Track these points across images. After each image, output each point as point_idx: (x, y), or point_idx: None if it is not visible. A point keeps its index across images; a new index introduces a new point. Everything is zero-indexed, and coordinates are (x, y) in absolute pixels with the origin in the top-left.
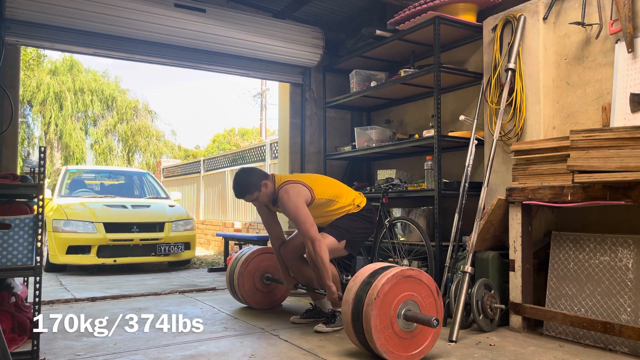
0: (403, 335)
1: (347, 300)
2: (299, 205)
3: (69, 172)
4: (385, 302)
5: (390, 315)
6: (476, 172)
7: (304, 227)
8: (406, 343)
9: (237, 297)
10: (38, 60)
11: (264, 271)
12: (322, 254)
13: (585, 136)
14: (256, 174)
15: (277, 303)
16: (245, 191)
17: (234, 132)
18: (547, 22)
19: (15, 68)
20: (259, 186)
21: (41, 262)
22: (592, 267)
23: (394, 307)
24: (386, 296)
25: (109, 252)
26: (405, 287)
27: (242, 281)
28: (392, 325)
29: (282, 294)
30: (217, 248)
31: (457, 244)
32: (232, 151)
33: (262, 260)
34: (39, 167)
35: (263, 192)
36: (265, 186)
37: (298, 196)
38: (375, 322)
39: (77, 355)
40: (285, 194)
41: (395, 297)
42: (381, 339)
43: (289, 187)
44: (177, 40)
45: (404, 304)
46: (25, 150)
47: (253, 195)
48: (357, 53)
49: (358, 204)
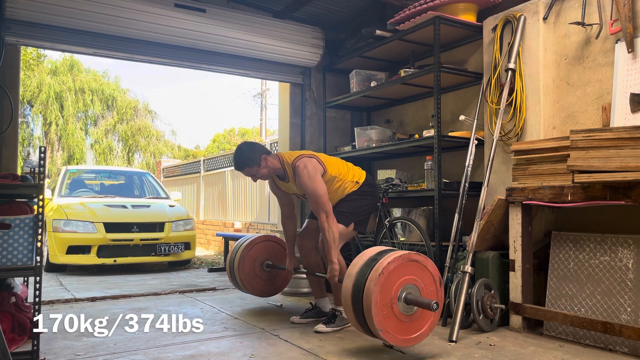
0: (402, 317)
1: (351, 273)
2: (317, 179)
3: (69, 172)
4: (389, 281)
5: (391, 295)
6: (476, 172)
7: (321, 200)
8: (404, 326)
9: (236, 282)
10: (38, 60)
11: (264, 258)
12: (334, 228)
13: (585, 136)
14: (257, 148)
15: (274, 292)
16: (245, 164)
17: (234, 132)
18: (547, 22)
19: (15, 68)
20: (259, 160)
21: (41, 262)
22: (592, 267)
23: (395, 288)
24: (390, 275)
25: (109, 252)
26: (410, 270)
27: (242, 265)
28: (392, 305)
29: (281, 283)
30: (217, 248)
31: (457, 244)
32: (232, 151)
33: (264, 247)
34: (39, 167)
35: (263, 166)
36: (265, 160)
37: (315, 170)
38: (376, 298)
39: (77, 355)
40: (304, 167)
41: (399, 278)
42: (379, 315)
43: (306, 161)
44: (177, 40)
45: (406, 287)
46: (25, 151)
47: (252, 169)
48: (357, 53)
49: (357, 181)
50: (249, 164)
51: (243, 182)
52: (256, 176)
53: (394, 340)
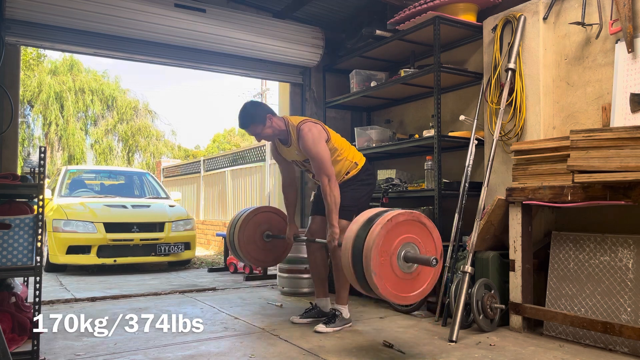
0: (401, 275)
1: (351, 229)
2: (322, 143)
3: (69, 172)
4: (389, 237)
5: (391, 251)
6: (476, 172)
7: (325, 163)
8: (403, 284)
9: (236, 252)
10: (38, 60)
11: (265, 229)
12: (335, 192)
13: (585, 136)
14: (263, 107)
15: (274, 262)
16: (250, 121)
17: (234, 132)
18: (547, 22)
19: (15, 68)
20: (264, 119)
21: (41, 262)
22: (592, 267)
23: (395, 245)
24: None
25: (109, 252)
26: (411, 229)
27: (242, 235)
28: (392, 262)
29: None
30: (217, 248)
31: (457, 244)
32: (232, 151)
33: (264, 217)
34: (39, 167)
35: (267, 125)
36: (270, 120)
37: (320, 134)
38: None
39: (77, 355)
40: (308, 130)
41: (399, 235)
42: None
43: (311, 125)
44: (177, 40)
45: (403, 247)
46: (25, 150)
47: (257, 127)
48: (357, 53)
49: (357, 162)
50: (254, 121)
51: (243, 182)
52: (260, 135)
53: (394, 297)
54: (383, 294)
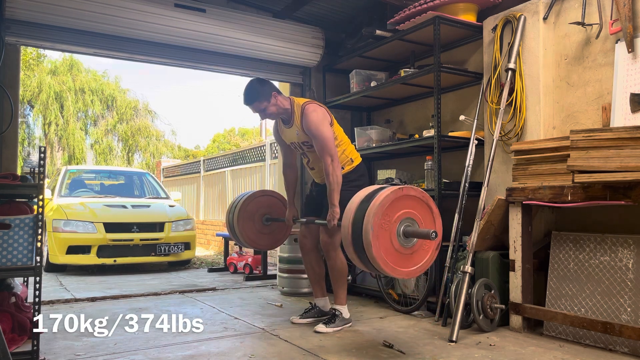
0: (401, 250)
1: (350, 208)
2: (326, 124)
3: (69, 172)
4: (387, 213)
5: (390, 226)
6: (476, 172)
7: (328, 143)
8: (404, 258)
9: (235, 236)
10: (38, 60)
11: (264, 212)
12: (338, 172)
13: (585, 136)
14: (269, 84)
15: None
16: (255, 97)
17: (234, 132)
18: (547, 22)
19: (15, 68)
20: (269, 96)
21: (41, 262)
22: (592, 267)
23: (394, 220)
24: (389, 208)
25: (109, 252)
26: (408, 204)
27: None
28: (391, 237)
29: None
30: (217, 248)
31: (457, 244)
32: (232, 151)
33: (264, 201)
34: (39, 167)
35: (272, 103)
36: (275, 97)
37: (325, 115)
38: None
39: (77, 355)
40: (313, 110)
41: (398, 210)
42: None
43: (316, 106)
44: (177, 40)
45: (402, 222)
46: (25, 150)
47: (262, 104)
48: (357, 53)
49: (352, 159)
50: (259, 97)
51: (243, 182)
52: (265, 112)
53: (400, 273)
54: (382, 266)
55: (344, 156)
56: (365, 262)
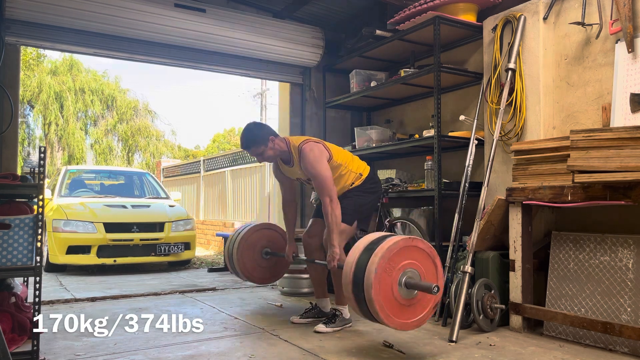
0: (402, 301)
1: (351, 258)
2: (323, 163)
3: (69, 172)
4: (389, 265)
5: (392, 279)
6: (476, 172)
7: (326, 184)
8: (405, 310)
9: (234, 269)
10: (38, 60)
11: (264, 245)
12: (337, 213)
13: (585, 136)
14: (266, 129)
15: (273, 280)
16: (252, 142)
17: (234, 132)
18: (547, 22)
19: (15, 68)
20: (267, 140)
21: (41, 262)
22: (592, 267)
23: (396, 272)
24: (391, 260)
25: (109, 252)
26: (410, 255)
27: (241, 252)
28: (393, 289)
29: (279, 270)
30: (217, 248)
31: (457, 244)
32: (232, 151)
33: (264, 235)
34: (39, 167)
35: (269, 147)
36: (272, 142)
37: (322, 154)
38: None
39: (77, 355)
40: (310, 151)
41: (399, 262)
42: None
43: (312, 145)
44: (177, 40)
45: (406, 272)
46: (25, 151)
47: (259, 148)
48: (357, 53)
49: (361, 173)
50: (255, 143)
51: (243, 182)
52: (262, 156)
53: (395, 323)
54: (378, 310)
55: (352, 174)
56: (361, 303)
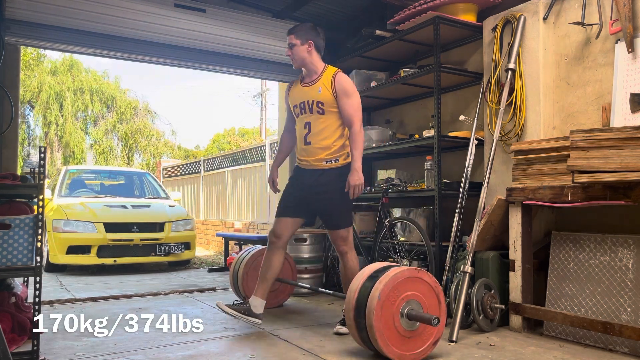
0: (404, 333)
1: (352, 289)
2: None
3: (69, 172)
4: (390, 297)
5: (393, 311)
6: (476, 172)
7: (359, 108)
8: (407, 342)
9: (239, 294)
10: (38, 60)
11: None
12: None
13: (585, 136)
14: (315, 36)
15: (277, 304)
16: (296, 31)
17: (234, 132)
18: (547, 22)
19: (15, 68)
20: (305, 41)
21: (41, 262)
22: (592, 267)
23: (397, 304)
24: (392, 291)
25: (109, 252)
26: (412, 286)
27: (246, 278)
28: (394, 321)
29: (283, 296)
30: (217, 248)
31: (457, 244)
32: (232, 151)
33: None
34: (39, 167)
35: (303, 48)
36: (309, 45)
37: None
38: (378, 314)
39: (77, 355)
40: (347, 78)
41: (401, 294)
42: (381, 331)
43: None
44: (177, 40)
45: (407, 303)
46: (25, 151)
47: (296, 40)
48: (357, 53)
49: (348, 153)
50: (298, 33)
51: (243, 182)
52: (292, 50)
53: (393, 354)
54: (377, 337)
55: (347, 148)
56: (361, 329)
